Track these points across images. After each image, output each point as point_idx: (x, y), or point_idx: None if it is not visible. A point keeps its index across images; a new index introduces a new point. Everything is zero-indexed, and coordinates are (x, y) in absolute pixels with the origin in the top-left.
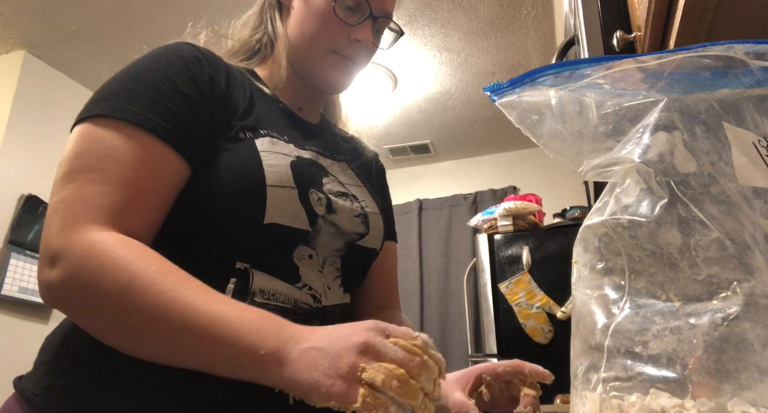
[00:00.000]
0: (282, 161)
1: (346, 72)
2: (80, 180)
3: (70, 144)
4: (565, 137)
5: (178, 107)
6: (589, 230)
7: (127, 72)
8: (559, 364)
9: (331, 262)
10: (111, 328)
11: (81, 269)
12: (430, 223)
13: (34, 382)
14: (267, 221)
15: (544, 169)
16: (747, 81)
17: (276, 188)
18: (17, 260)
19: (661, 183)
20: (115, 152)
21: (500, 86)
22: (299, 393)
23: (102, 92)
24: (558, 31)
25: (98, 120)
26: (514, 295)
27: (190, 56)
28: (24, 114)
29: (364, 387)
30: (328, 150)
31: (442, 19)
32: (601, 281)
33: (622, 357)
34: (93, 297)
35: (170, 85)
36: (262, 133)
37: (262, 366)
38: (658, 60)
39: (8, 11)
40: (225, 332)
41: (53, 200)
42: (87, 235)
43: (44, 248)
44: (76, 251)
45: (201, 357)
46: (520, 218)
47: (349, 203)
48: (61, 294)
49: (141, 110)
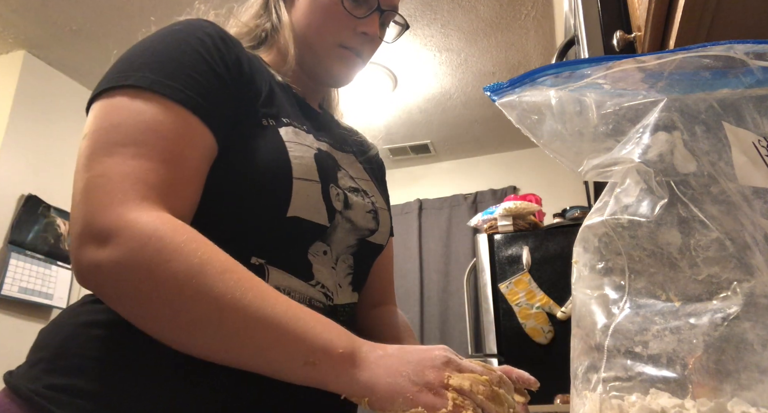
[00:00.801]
0: (307, 153)
1: (351, 66)
2: (123, 154)
3: (100, 116)
4: (565, 137)
5: (213, 87)
6: (589, 230)
7: (156, 44)
8: (559, 364)
9: (344, 259)
10: (173, 317)
11: (144, 249)
12: (430, 223)
13: (32, 380)
14: (290, 215)
15: (544, 169)
16: (747, 81)
17: (301, 181)
18: (17, 260)
19: (661, 183)
20: (159, 127)
21: (500, 86)
22: (377, 397)
23: (129, 63)
24: (558, 31)
25: (135, 92)
26: (514, 295)
27: (217, 35)
28: (24, 114)
29: (452, 392)
30: (337, 142)
31: (442, 19)
32: (601, 281)
33: (622, 357)
34: (157, 281)
35: (204, 63)
36: (284, 122)
37: (335, 366)
38: (658, 60)
39: (8, 11)
40: (302, 326)
41: (89, 173)
42: (145, 214)
43: (86, 224)
44: (136, 230)
45: (271, 352)
46: (520, 218)
47: (361, 199)
48: (113, 277)
49: (181, 87)
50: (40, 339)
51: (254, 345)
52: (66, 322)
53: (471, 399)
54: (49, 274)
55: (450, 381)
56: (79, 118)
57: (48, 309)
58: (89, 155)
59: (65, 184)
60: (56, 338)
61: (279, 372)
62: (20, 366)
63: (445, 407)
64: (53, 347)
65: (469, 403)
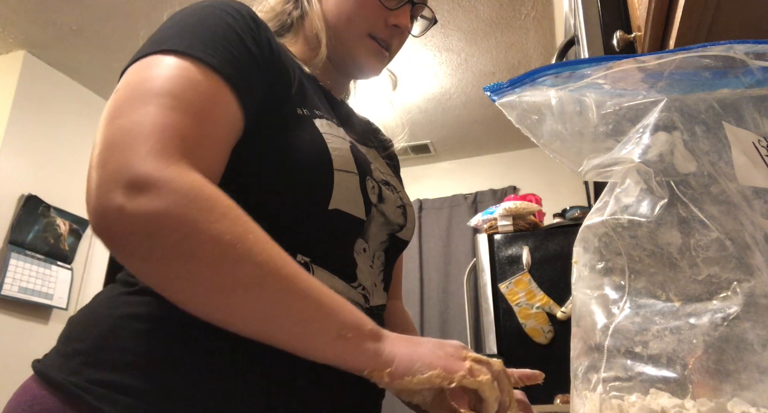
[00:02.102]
0: (343, 145)
1: (380, 60)
2: (160, 104)
3: (135, 71)
4: (565, 137)
5: (245, 61)
6: (589, 230)
7: (187, 19)
8: (559, 364)
9: (378, 256)
10: (214, 279)
11: (191, 206)
12: (430, 223)
13: (72, 373)
14: (332, 207)
15: (544, 169)
16: (747, 81)
17: (342, 173)
18: (17, 260)
19: (661, 183)
20: (197, 84)
21: (500, 86)
22: (398, 364)
23: (163, 34)
24: (558, 31)
25: (170, 54)
26: (514, 295)
27: (248, 15)
28: (24, 114)
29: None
30: (361, 137)
31: (442, 19)
32: (601, 281)
33: (622, 357)
34: (201, 240)
35: (238, 38)
36: (317, 113)
37: (364, 341)
38: (658, 60)
39: (8, 11)
40: (335, 303)
41: (122, 120)
42: (187, 171)
43: (118, 169)
44: (179, 183)
45: (308, 323)
46: (520, 218)
47: (392, 193)
48: (148, 228)
49: (215, 54)
50: (75, 329)
51: (292, 315)
52: (103, 313)
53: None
54: (49, 274)
55: (469, 354)
56: (79, 118)
57: (48, 309)
58: (122, 103)
59: (65, 184)
60: (95, 330)
61: (311, 345)
62: (50, 357)
63: (462, 369)
64: (93, 339)
65: (486, 370)
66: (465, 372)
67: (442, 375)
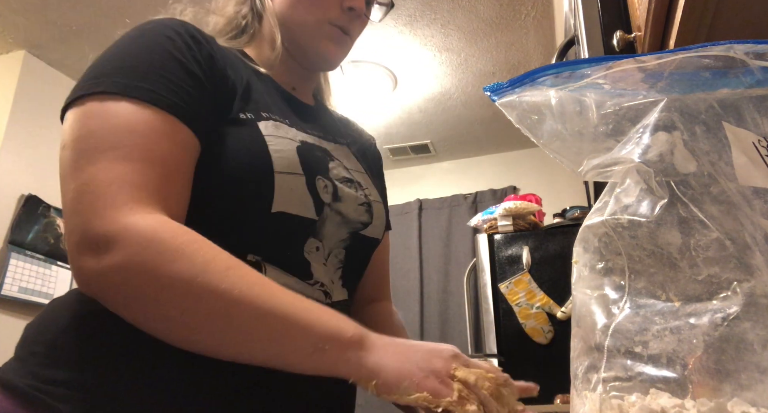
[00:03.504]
0: (288, 146)
1: (340, 45)
2: (105, 158)
3: (76, 124)
4: (565, 137)
5: (187, 85)
6: (589, 230)
7: (123, 48)
8: (559, 364)
9: (335, 254)
10: (181, 317)
11: (146, 252)
12: (430, 223)
13: (27, 375)
14: (275, 210)
15: (544, 169)
16: (747, 81)
17: (283, 175)
18: (17, 260)
19: (661, 183)
20: (135, 127)
21: (500, 86)
22: (384, 380)
23: (100, 69)
24: (558, 31)
25: (107, 97)
26: (514, 295)
27: (187, 33)
28: (24, 114)
29: (458, 383)
30: (329, 133)
31: (442, 19)
32: (601, 281)
33: (622, 357)
34: (162, 283)
35: (176, 62)
36: (264, 116)
37: (344, 351)
38: (658, 60)
39: (8, 11)
40: (309, 315)
41: (73, 184)
42: (141, 217)
43: (82, 233)
44: (134, 233)
45: (281, 342)
46: (520, 218)
47: (354, 191)
48: (117, 282)
49: (153, 88)
50: (31, 333)
51: (264, 337)
52: (59, 314)
53: (475, 393)
54: (49, 274)
55: (456, 372)
56: None
57: None
58: (72, 165)
59: None
60: (48, 331)
61: (289, 362)
62: (8, 362)
63: (450, 396)
64: (47, 341)
65: (474, 397)
66: (452, 399)
67: (428, 399)
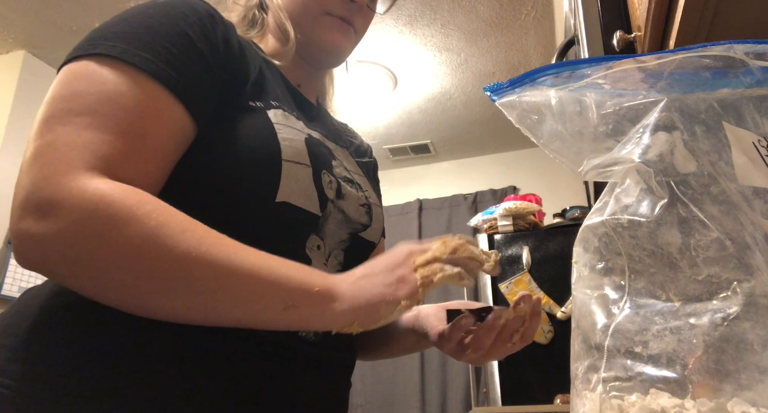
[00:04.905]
0: (297, 137)
1: (343, 34)
2: (76, 123)
3: (63, 81)
4: (565, 137)
5: (192, 62)
6: (589, 230)
7: (135, 16)
8: (559, 364)
9: (335, 255)
10: (135, 283)
11: (92, 217)
12: (430, 223)
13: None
14: (279, 200)
15: (544, 169)
16: (747, 81)
17: (291, 164)
18: None
19: (661, 183)
20: (121, 98)
21: (500, 86)
22: (362, 318)
23: (104, 31)
24: (558, 31)
25: (102, 60)
26: (515, 295)
27: (204, 12)
28: (24, 114)
29: (420, 269)
30: (331, 134)
31: (442, 19)
32: (601, 281)
33: (622, 357)
34: (112, 248)
35: (185, 38)
36: (273, 104)
37: (315, 304)
38: (658, 60)
39: (8, 11)
40: (275, 272)
41: (37, 142)
42: (90, 182)
43: (27, 195)
44: (80, 199)
45: (248, 302)
46: (520, 218)
47: (355, 191)
48: (59, 250)
49: (153, 58)
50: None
51: (230, 299)
52: (28, 304)
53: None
54: None
55: (416, 262)
56: None
57: None
58: (42, 123)
59: None
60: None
61: (261, 321)
62: None
63: (416, 284)
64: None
65: (437, 267)
66: (420, 286)
67: (407, 305)
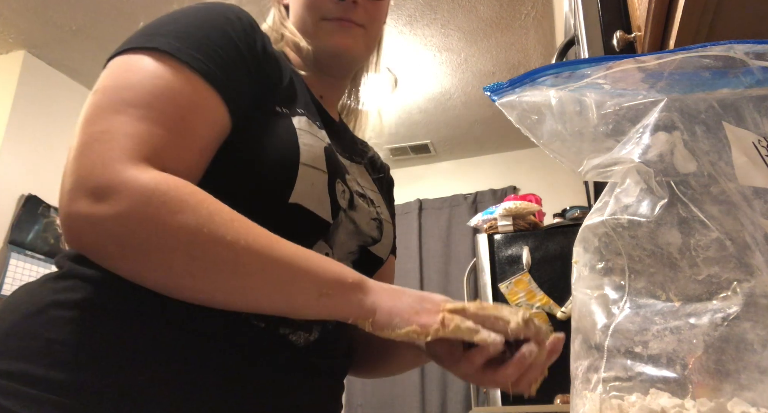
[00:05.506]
0: (317, 143)
1: (345, 34)
2: (131, 114)
3: (117, 72)
4: (565, 137)
5: (237, 66)
6: (589, 230)
7: (185, 18)
8: (559, 364)
9: None
10: (187, 265)
11: (150, 203)
12: (430, 223)
13: None
14: (292, 201)
15: (544, 169)
16: (747, 81)
17: (308, 168)
18: (17, 260)
19: (661, 183)
20: (174, 93)
21: (500, 86)
22: (378, 317)
23: (158, 28)
24: (558, 31)
25: (157, 55)
26: (514, 295)
27: (247, 21)
28: (24, 114)
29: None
30: (347, 151)
31: (442, 19)
32: (601, 281)
33: (622, 357)
34: (167, 232)
35: (232, 43)
36: (299, 112)
37: (347, 294)
38: (658, 60)
39: (8, 11)
40: (313, 263)
41: (92, 128)
42: (145, 171)
43: (81, 179)
44: (137, 185)
45: (288, 288)
46: (520, 218)
47: (367, 205)
48: (115, 231)
49: (204, 59)
50: None
51: (271, 285)
52: (22, 300)
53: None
54: None
55: (446, 307)
56: None
57: None
58: (96, 110)
59: None
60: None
61: (296, 307)
62: None
63: (435, 323)
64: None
65: (459, 318)
66: (437, 326)
67: (417, 331)
